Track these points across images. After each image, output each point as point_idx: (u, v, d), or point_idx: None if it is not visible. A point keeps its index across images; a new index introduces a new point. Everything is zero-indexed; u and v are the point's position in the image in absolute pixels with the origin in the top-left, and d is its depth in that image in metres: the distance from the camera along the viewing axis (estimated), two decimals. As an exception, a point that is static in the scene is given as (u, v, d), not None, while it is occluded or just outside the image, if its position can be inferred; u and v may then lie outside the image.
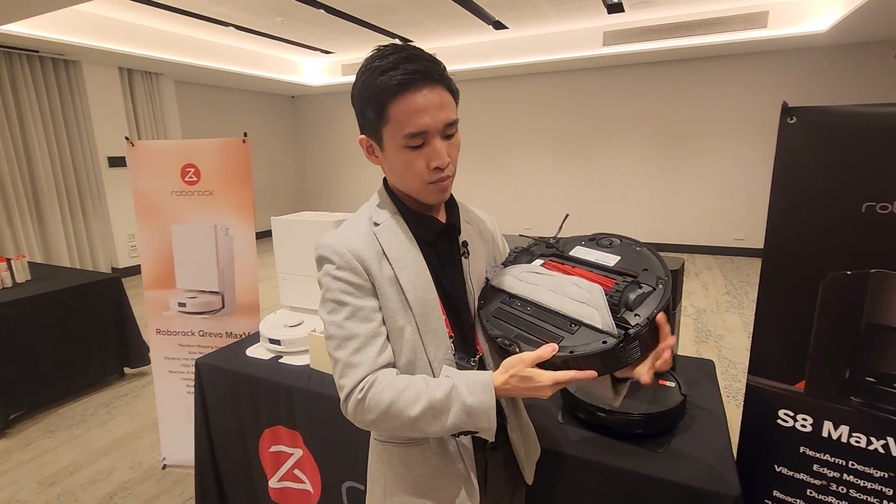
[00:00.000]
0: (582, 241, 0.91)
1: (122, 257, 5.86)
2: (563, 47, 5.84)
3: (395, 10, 4.82)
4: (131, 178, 2.11)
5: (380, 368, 0.77)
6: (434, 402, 0.73)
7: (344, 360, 0.76)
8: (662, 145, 6.43)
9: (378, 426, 0.76)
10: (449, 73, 0.77)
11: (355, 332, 0.77)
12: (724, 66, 5.91)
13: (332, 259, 0.78)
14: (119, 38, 4.92)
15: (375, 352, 0.77)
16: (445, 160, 0.76)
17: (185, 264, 2.13)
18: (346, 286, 0.78)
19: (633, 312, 0.70)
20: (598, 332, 0.70)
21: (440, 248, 0.87)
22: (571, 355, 0.69)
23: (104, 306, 3.09)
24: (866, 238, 0.95)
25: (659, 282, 0.74)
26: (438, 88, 0.74)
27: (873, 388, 0.98)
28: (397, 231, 0.83)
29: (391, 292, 0.79)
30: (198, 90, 7.10)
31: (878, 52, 5.22)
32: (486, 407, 0.73)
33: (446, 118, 0.74)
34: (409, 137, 0.73)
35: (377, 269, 0.79)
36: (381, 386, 0.74)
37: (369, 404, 0.74)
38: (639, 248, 0.83)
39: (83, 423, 2.74)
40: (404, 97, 0.71)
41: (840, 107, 0.98)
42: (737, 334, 3.76)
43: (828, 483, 1.05)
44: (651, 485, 1.03)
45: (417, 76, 0.71)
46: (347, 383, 0.76)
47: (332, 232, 0.83)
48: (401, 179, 0.80)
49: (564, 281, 0.79)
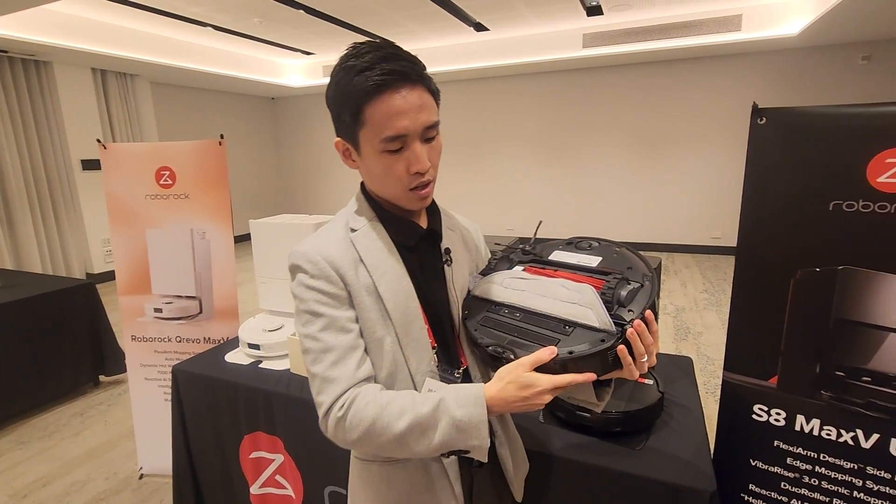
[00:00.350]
0: (559, 245, 0.89)
1: (97, 262, 5.71)
2: (544, 49, 5.90)
3: (375, 12, 4.80)
4: (104, 181, 2.06)
5: (360, 382, 0.72)
6: (420, 418, 0.68)
7: (321, 374, 0.72)
8: (641, 146, 6.52)
9: (361, 445, 0.70)
10: (429, 74, 0.74)
11: (332, 345, 0.72)
12: (701, 68, 6.03)
13: (306, 268, 0.74)
14: (92, 39, 4.80)
15: (354, 364, 0.72)
16: (426, 165, 0.72)
17: (160, 269, 2.08)
18: (320, 296, 0.73)
19: (626, 308, 0.70)
20: (594, 332, 0.68)
21: (422, 255, 0.83)
22: (571, 356, 0.67)
23: (78, 313, 3.01)
24: (834, 236, 0.98)
25: (645, 278, 0.74)
26: (418, 89, 0.70)
27: (842, 382, 1.00)
28: (375, 237, 0.79)
29: (369, 301, 0.75)
30: (175, 92, 6.97)
31: (847, 55, 5.39)
32: (477, 421, 0.67)
33: (426, 120, 0.71)
34: (387, 141, 0.70)
35: (353, 277, 0.75)
36: (363, 402, 0.70)
37: (351, 422, 0.69)
38: (618, 249, 0.83)
39: (56, 434, 2.66)
40: (382, 99, 0.68)
41: (807, 108, 1.00)
42: (715, 331, 3.83)
43: (801, 475, 1.07)
44: (629, 482, 1.04)
45: (395, 76, 0.68)
46: (326, 399, 0.71)
47: (306, 239, 0.79)
48: (380, 185, 0.77)
49: (551, 284, 0.77)
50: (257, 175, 8.66)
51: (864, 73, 5.37)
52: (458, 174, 7.71)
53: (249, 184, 8.44)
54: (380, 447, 0.70)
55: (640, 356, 0.67)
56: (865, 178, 0.94)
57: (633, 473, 1.04)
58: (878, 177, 0.92)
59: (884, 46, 5.24)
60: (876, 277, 0.95)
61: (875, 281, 0.95)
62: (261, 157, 8.72)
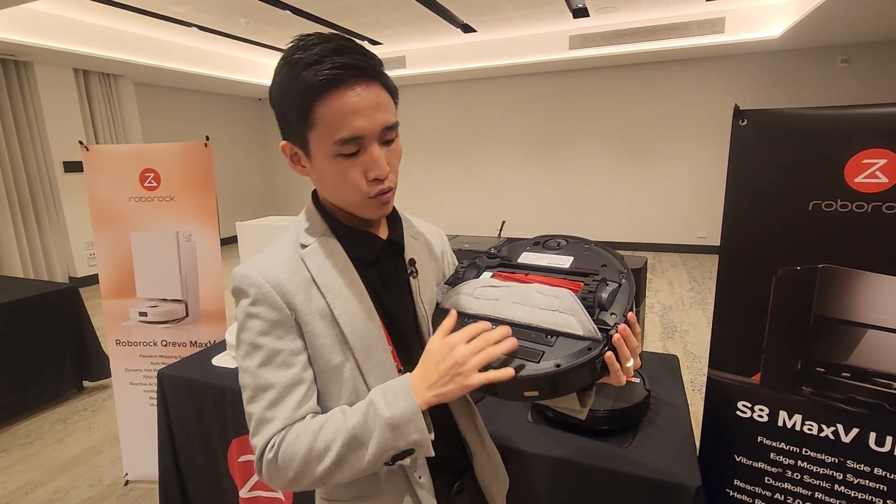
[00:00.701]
0: (526, 246, 0.84)
1: (81, 266, 5.62)
2: (531, 51, 5.93)
3: (362, 13, 4.79)
4: (87, 184, 2.02)
5: (298, 422, 0.65)
6: (354, 430, 0.62)
7: (258, 415, 0.64)
8: (627, 147, 6.59)
9: (301, 483, 0.63)
10: (385, 70, 0.67)
11: (271, 382, 0.65)
12: (685, 70, 6.11)
13: (248, 291, 0.66)
14: (73, 38, 4.73)
15: (294, 403, 0.65)
16: (385, 170, 0.65)
17: (145, 272, 2.06)
18: (262, 324, 0.66)
19: (608, 312, 0.66)
20: (579, 340, 0.64)
21: (383, 269, 0.75)
22: (558, 369, 0.62)
23: (61, 317, 2.95)
24: (814, 235, 1.00)
25: (621, 276, 0.70)
26: (374, 86, 0.63)
27: (823, 378, 1.02)
28: (329, 253, 0.71)
29: (322, 327, 0.68)
30: (160, 92, 6.89)
31: (827, 58, 5.50)
32: (410, 413, 0.61)
33: (384, 121, 0.63)
34: (341, 144, 0.62)
35: (303, 301, 0.67)
36: (293, 435, 0.63)
37: (283, 459, 0.62)
38: (587, 246, 0.78)
39: (39, 441, 2.61)
40: (334, 96, 0.60)
41: (787, 110, 1.02)
42: (701, 329, 3.88)
43: (784, 470, 1.09)
44: (617, 480, 1.05)
45: (349, 71, 0.60)
46: (258, 442, 0.64)
47: (251, 258, 0.71)
48: (334, 193, 0.69)
49: (526, 290, 0.71)
50: (244, 176, 8.58)
51: (843, 76, 5.48)
52: (446, 175, 7.72)
53: (236, 185, 8.36)
54: (321, 477, 0.63)
55: (626, 360, 0.64)
56: (843, 178, 0.96)
57: (620, 471, 1.05)
58: (855, 177, 0.95)
59: (862, 49, 5.36)
60: (854, 275, 0.97)
61: (853, 279, 0.97)
62: (247, 158, 8.64)
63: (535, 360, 0.64)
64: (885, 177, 0.92)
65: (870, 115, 0.94)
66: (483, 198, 7.58)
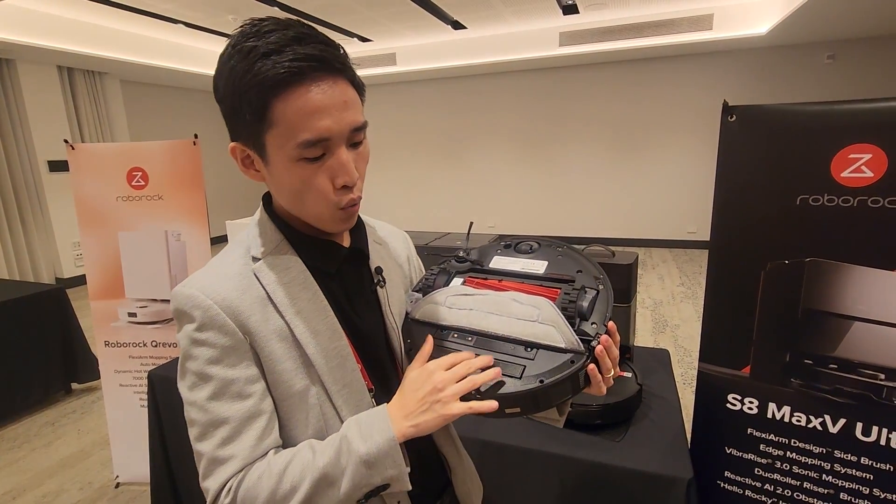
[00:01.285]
0: (497, 249, 0.79)
1: (67, 266, 5.54)
2: (521, 47, 5.94)
3: (352, 10, 4.76)
4: (72, 183, 1.99)
5: (260, 459, 0.58)
6: (325, 470, 0.56)
7: (209, 454, 0.57)
8: (617, 143, 6.63)
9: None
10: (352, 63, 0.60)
11: (224, 416, 0.57)
12: (674, 67, 6.15)
13: (192, 315, 0.58)
14: (57, 36, 4.65)
15: (253, 439, 0.57)
16: (354, 175, 0.58)
17: (134, 272, 2.03)
18: (211, 352, 0.57)
19: (589, 321, 0.63)
20: (561, 353, 0.61)
21: (345, 280, 0.69)
22: (542, 385, 0.58)
23: (48, 319, 2.91)
24: (801, 229, 1.01)
25: (597, 282, 0.67)
26: (341, 81, 0.56)
27: (811, 370, 1.04)
28: (285, 266, 0.63)
29: (281, 350, 0.60)
30: (147, 90, 6.80)
31: (813, 54, 5.57)
32: (387, 448, 0.56)
33: (353, 121, 0.57)
34: (304, 147, 0.54)
35: (258, 321, 0.60)
36: (254, 476, 0.56)
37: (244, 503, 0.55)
38: (560, 249, 0.74)
39: (26, 445, 2.57)
40: (297, 92, 0.53)
41: (775, 105, 1.03)
42: (691, 323, 3.92)
43: (773, 461, 1.11)
44: (610, 473, 1.06)
45: (313, 64, 0.53)
46: (211, 486, 0.56)
47: (195, 274, 0.62)
48: (294, 202, 0.61)
49: (502, 299, 0.66)
50: (233, 174, 8.49)
51: (828, 72, 5.55)
52: (437, 173, 7.71)
53: (225, 184, 8.28)
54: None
55: (608, 371, 0.61)
56: (830, 173, 0.97)
57: (613, 465, 1.06)
58: (841, 171, 0.96)
59: (847, 46, 5.43)
60: (841, 268, 0.99)
61: (840, 272, 0.99)
62: (237, 156, 8.56)
63: (516, 375, 0.60)
64: (871, 171, 0.94)
65: (856, 111, 0.95)
66: (474, 195, 7.58)
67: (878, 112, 0.93)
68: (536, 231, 7.25)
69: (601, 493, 1.08)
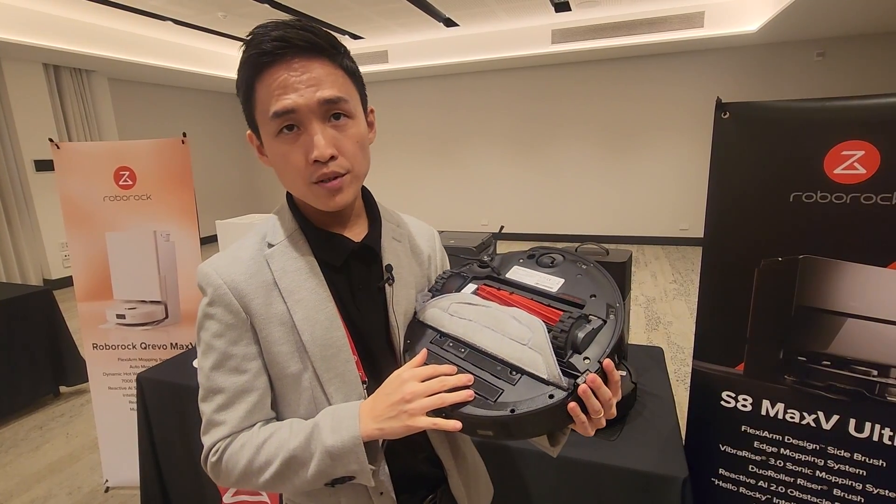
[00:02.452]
0: (520, 258, 0.77)
1: (55, 268, 5.46)
2: (513, 45, 5.93)
3: (343, 7, 4.73)
4: (58, 183, 1.96)
5: (247, 429, 0.65)
6: (295, 452, 0.61)
7: (208, 415, 0.65)
8: (610, 140, 6.65)
9: (242, 486, 0.66)
10: (348, 53, 0.65)
11: (221, 386, 0.64)
12: (666, 64, 6.17)
13: (206, 290, 0.65)
14: (42, 33, 4.57)
15: (244, 412, 0.64)
16: (323, 150, 0.60)
17: (122, 274, 2.00)
18: (217, 326, 0.64)
19: (582, 356, 0.58)
20: (542, 384, 0.57)
21: (353, 275, 0.71)
22: (512, 415, 0.56)
23: (35, 321, 2.86)
24: (794, 226, 1.01)
25: (610, 311, 0.62)
26: (318, 61, 0.60)
27: (804, 367, 1.04)
28: (295, 255, 0.67)
29: (280, 333, 0.65)
30: (135, 88, 6.71)
31: (803, 51, 5.61)
32: (351, 445, 0.59)
33: (323, 95, 0.59)
34: (274, 118, 0.59)
35: (262, 304, 0.65)
36: (238, 444, 0.63)
37: (226, 466, 0.64)
38: (584, 267, 0.71)
39: (14, 449, 2.53)
40: (269, 72, 0.59)
41: (768, 102, 1.03)
42: (684, 321, 3.94)
43: (767, 458, 1.11)
44: (606, 472, 1.06)
45: (285, 45, 0.58)
46: (206, 442, 0.65)
47: (219, 253, 0.69)
48: (284, 179, 0.65)
49: (502, 315, 0.65)
50: (223, 174, 8.43)
51: (819, 69, 5.60)
52: (430, 170, 7.69)
53: (215, 183, 8.21)
54: (263, 487, 0.64)
55: (596, 413, 0.56)
56: (823, 170, 0.97)
57: (609, 464, 1.05)
58: (834, 168, 0.96)
59: (837, 43, 5.47)
60: (834, 265, 0.99)
61: (833, 269, 0.99)
62: (226, 155, 8.49)
63: (491, 398, 0.58)
64: (863, 168, 0.93)
65: (848, 108, 0.95)
66: (467, 193, 7.57)
67: (871, 109, 0.92)
68: (529, 229, 7.27)
69: (596, 492, 1.07)
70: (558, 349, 0.58)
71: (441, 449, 0.76)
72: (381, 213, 0.77)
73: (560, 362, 0.57)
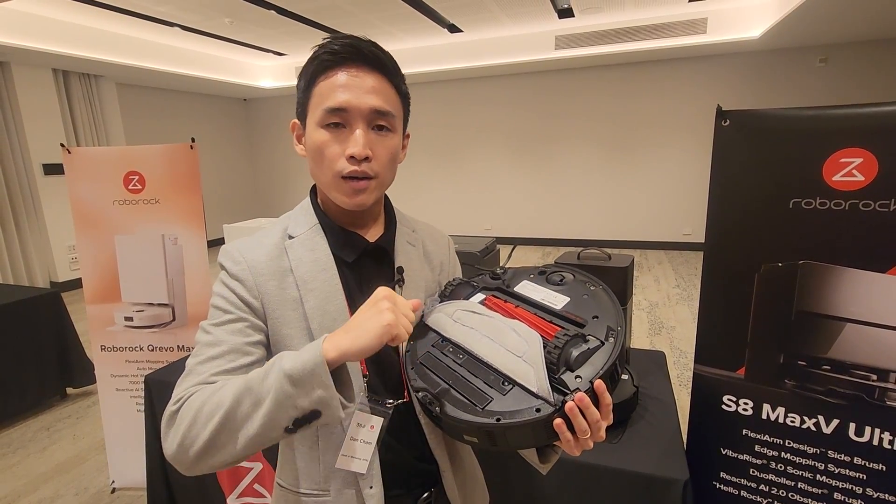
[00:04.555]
0: (531, 273, 0.78)
1: (62, 270, 5.51)
2: (517, 50, 5.96)
3: (349, 13, 4.77)
4: (69, 187, 1.99)
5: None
6: (250, 384, 0.56)
7: (189, 367, 0.63)
8: (613, 145, 6.66)
9: (187, 454, 0.56)
10: (404, 79, 0.72)
11: (221, 339, 0.64)
12: (669, 70, 6.19)
13: (226, 265, 0.70)
14: (52, 38, 4.63)
15: (228, 367, 0.63)
16: (362, 149, 0.65)
17: (131, 276, 2.03)
18: (231, 295, 0.68)
19: (574, 374, 0.58)
20: (531, 396, 0.58)
21: (363, 272, 0.74)
22: (497, 423, 0.56)
23: (42, 323, 2.89)
24: (794, 232, 1.03)
25: (609, 334, 0.62)
26: (376, 75, 0.67)
27: (804, 371, 1.05)
28: (313, 247, 0.72)
29: (291, 317, 0.68)
30: (143, 93, 6.79)
31: (806, 57, 5.62)
32: (313, 366, 0.54)
33: (375, 104, 0.66)
34: (328, 112, 0.65)
35: (275, 287, 0.69)
36: (199, 392, 0.59)
37: (181, 415, 0.57)
38: (592, 288, 0.71)
39: (21, 450, 2.56)
40: (334, 72, 0.66)
41: (768, 110, 1.05)
42: (687, 325, 3.94)
43: (768, 462, 1.12)
44: (607, 475, 1.07)
45: (352, 52, 0.65)
46: (175, 391, 0.60)
47: (241, 238, 0.74)
48: (315, 168, 0.70)
49: (503, 326, 0.66)
50: (230, 178, 8.49)
51: (821, 75, 5.60)
52: (433, 175, 7.72)
53: (222, 187, 8.27)
54: (209, 446, 0.55)
55: (583, 433, 0.55)
56: (822, 177, 0.98)
57: (610, 467, 1.06)
58: (833, 175, 0.97)
59: (840, 50, 5.48)
60: (833, 271, 1.00)
61: (832, 274, 1.00)
62: (233, 159, 8.56)
63: (480, 405, 0.59)
64: (862, 175, 0.95)
65: (846, 116, 0.96)
66: (471, 197, 7.60)
67: (869, 117, 0.94)
68: (532, 233, 7.28)
69: (598, 495, 1.09)
70: (551, 365, 0.59)
71: (437, 448, 0.77)
72: (398, 218, 0.81)
73: (552, 378, 0.58)
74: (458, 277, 0.83)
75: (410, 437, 0.75)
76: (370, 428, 0.69)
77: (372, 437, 0.69)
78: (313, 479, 0.72)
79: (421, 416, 0.74)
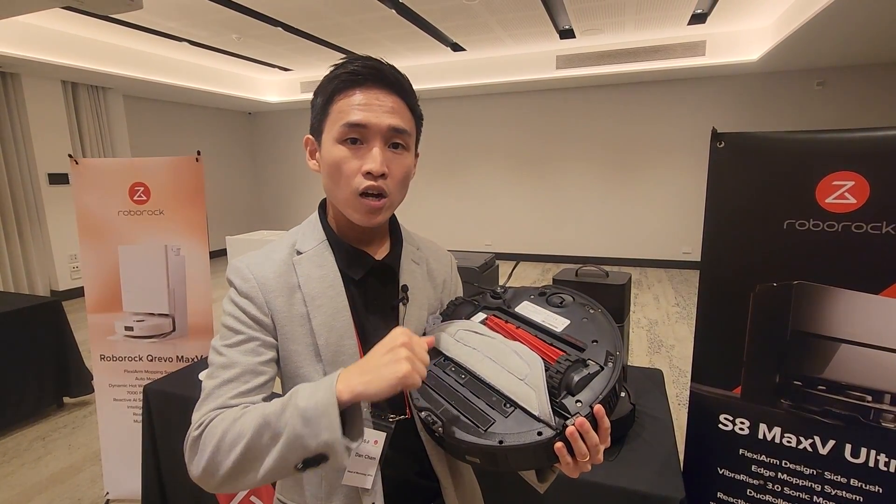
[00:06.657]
0: (531, 294, 0.79)
1: (63, 279, 5.52)
2: (519, 69, 6.05)
3: (354, 31, 4.86)
4: (75, 197, 2.02)
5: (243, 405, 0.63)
6: (268, 416, 0.57)
7: (207, 390, 0.64)
8: (613, 164, 6.72)
9: (212, 473, 0.58)
10: (418, 100, 0.74)
11: (234, 361, 0.65)
12: (668, 91, 6.27)
13: (235, 282, 0.70)
14: (62, 51, 4.72)
15: (245, 389, 0.64)
16: (379, 166, 0.66)
17: (132, 286, 2.04)
18: (241, 314, 0.68)
19: (574, 398, 0.59)
20: (532, 420, 0.59)
21: (369, 290, 0.75)
22: (500, 446, 0.57)
23: (42, 332, 2.89)
24: (788, 252, 1.04)
25: (608, 358, 0.63)
26: (393, 95, 0.69)
27: (800, 391, 1.06)
28: (320, 264, 0.73)
29: (299, 332, 0.70)
30: (149, 105, 6.87)
31: (803, 80, 5.70)
32: (325, 405, 0.55)
33: (392, 122, 0.67)
34: (346, 127, 0.66)
35: (284, 304, 0.70)
36: (220, 417, 0.60)
37: (204, 440, 0.59)
38: (592, 312, 0.72)
39: (16, 459, 2.54)
40: (353, 91, 0.67)
41: (762, 133, 1.07)
42: (686, 344, 3.93)
43: (765, 482, 1.12)
44: (603, 492, 1.07)
45: (372, 73, 0.67)
46: (194, 417, 0.62)
47: (249, 253, 0.74)
48: (330, 184, 0.71)
49: (505, 348, 0.67)
50: (233, 190, 8.55)
51: (818, 98, 5.68)
52: (435, 190, 7.77)
53: (225, 199, 8.32)
54: (233, 473, 0.58)
55: (582, 456, 0.56)
56: (815, 199, 1.01)
57: (606, 484, 1.06)
58: (826, 198, 1.00)
59: (837, 73, 5.56)
60: (827, 291, 1.01)
61: (827, 295, 1.01)
62: (237, 171, 8.63)
63: (483, 426, 0.60)
64: (854, 198, 0.97)
65: (839, 140, 0.99)
66: (471, 213, 7.63)
67: (860, 142, 0.96)
68: (532, 250, 7.29)
69: (594, 513, 1.08)
70: (553, 389, 0.60)
71: (438, 464, 0.77)
72: (404, 236, 0.82)
73: (553, 402, 0.59)
74: (461, 296, 0.84)
75: (411, 453, 0.75)
76: (374, 443, 0.70)
77: (375, 452, 0.69)
78: (315, 494, 0.72)
79: (422, 432, 0.75)
